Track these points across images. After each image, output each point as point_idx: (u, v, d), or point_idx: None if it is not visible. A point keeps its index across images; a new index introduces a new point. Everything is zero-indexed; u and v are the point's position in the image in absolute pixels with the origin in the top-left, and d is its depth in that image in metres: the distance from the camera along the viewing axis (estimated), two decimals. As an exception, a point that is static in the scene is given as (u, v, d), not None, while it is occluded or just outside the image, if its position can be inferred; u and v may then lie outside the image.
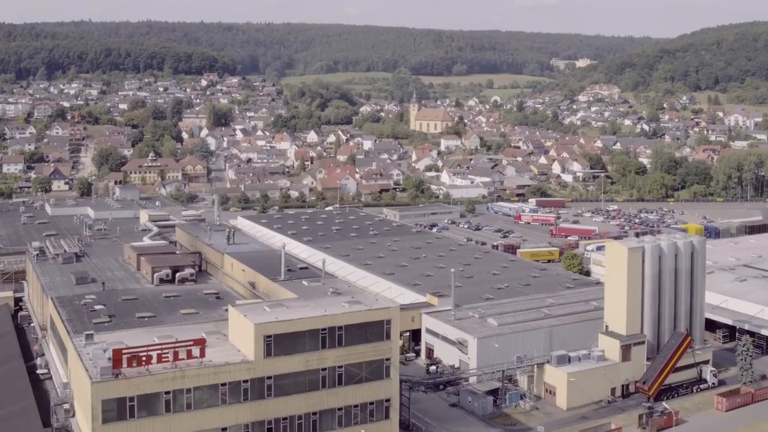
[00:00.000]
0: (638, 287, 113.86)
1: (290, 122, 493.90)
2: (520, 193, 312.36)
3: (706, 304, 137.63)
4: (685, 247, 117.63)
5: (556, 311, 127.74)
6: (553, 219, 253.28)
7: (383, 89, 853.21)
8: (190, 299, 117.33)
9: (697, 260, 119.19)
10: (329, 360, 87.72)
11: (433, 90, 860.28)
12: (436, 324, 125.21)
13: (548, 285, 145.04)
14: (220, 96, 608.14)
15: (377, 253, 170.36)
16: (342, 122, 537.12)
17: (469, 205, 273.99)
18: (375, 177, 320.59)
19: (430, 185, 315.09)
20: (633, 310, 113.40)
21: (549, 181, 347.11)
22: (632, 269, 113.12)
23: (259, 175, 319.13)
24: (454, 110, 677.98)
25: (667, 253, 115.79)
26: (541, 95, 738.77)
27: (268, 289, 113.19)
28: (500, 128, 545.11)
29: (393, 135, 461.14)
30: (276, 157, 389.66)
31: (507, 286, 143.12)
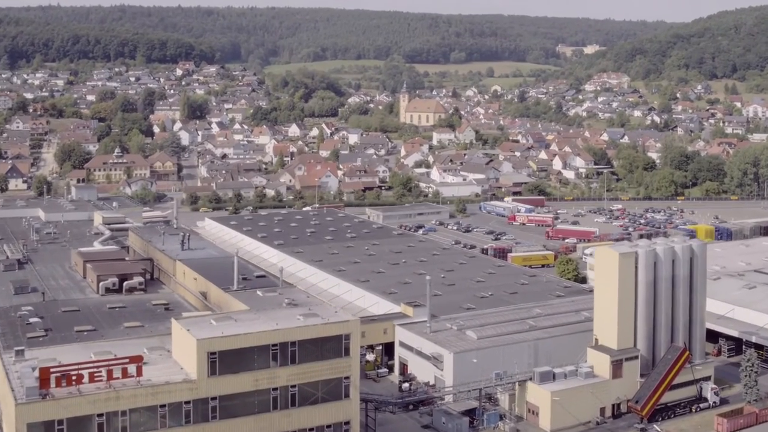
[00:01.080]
0: (631, 297, 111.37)
1: (270, 115, 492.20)
2: (516, 192, 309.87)
3: (711, 314, 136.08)
4: (684, 251, 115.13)
5: (543, 323, 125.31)
6: (551, 220, 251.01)
7: (374, 78, 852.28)
8: (136, 311, 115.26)
9: (696, 266, 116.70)
10: (281, 379, 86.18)
11: (429, 79, 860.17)
12: (410, 337, 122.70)
13: (537, 293, 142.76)
14: (196, 86, 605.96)
15: (353, 258, 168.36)
16: (327, 114, 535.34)
17: (459, 205, 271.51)
18: (359, 174, 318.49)
19: (418, 183, 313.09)
20: (625, 322, 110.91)
21: (549, 177, 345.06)
22: (624, 277, 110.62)
23: (232, 173, 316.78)
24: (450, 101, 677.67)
25: (663, 258, 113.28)
26: (545, 84, 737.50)
27: (219, 299, 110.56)
28: (499, 120, 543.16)
29: (381, 128, 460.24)
30: (253, 152, 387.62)
31: (491, 294, 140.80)
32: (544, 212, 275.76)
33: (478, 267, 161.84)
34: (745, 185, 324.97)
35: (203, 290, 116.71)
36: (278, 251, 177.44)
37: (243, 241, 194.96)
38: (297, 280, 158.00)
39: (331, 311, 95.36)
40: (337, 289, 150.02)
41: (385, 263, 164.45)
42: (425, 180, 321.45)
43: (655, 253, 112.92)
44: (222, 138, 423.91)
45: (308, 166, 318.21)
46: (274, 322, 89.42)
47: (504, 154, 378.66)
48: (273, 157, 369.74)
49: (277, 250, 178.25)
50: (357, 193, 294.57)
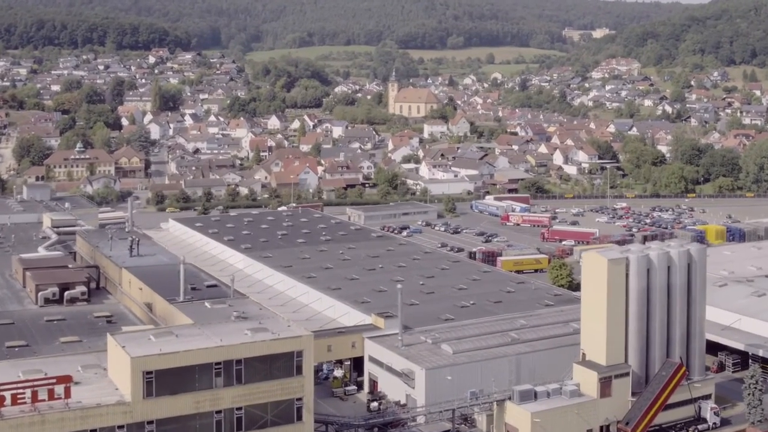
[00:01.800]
0: (621, 307, 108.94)
1: (249, 105, 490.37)
2: (512, 189, 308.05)
3: (714, 325, 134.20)
4: (681, 257, 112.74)
5: (527, 335, 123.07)
6: (547, 220, 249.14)
7: (365, 66, 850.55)
8: (76, 324, 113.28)
9: (695, 273, 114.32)
10: (225, 400, 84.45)
11: (424, 66, 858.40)
12: (380, 351, 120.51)
13: (524, 302, 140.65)
14: (170, 75, 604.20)
15: (325, 264, 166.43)
16: (311, 105, 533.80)
17: (448, 204, 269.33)
18: (340, 170, 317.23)
19: (405, 180, 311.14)
20: (615, 335, 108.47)
21: (548, 173, 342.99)
22: (613, 285, 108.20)
23: (203, 169, 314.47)
24: (447, 89, 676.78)
25: (657, 265, 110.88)
26: (549, 72, 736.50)
27: (164, 312, 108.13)
28: (498, 111, 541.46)
29: (368, 120, 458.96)
30: (228, 147, 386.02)
31: (473, 303, 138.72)
32: (542, 211, 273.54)
33: (461, 273, 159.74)
34: (762, 181, 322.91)
35: (148, 301, 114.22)
36: (245, 256, 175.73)
37: (208, 245, 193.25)
38: (263, 288, 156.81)
39: (283, 325, 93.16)
40: (305, 298, 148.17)
41: (359, 269, 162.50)
42: (413, 176, 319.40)
43: (648, 259, 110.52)
44: (195, 131, 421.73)
45: (285, 162, 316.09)
46: (218, 338, 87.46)
47: (501, 148, 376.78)
48: (249, 152, 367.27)
49: (243, 255, 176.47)
50: (338, 191, 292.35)
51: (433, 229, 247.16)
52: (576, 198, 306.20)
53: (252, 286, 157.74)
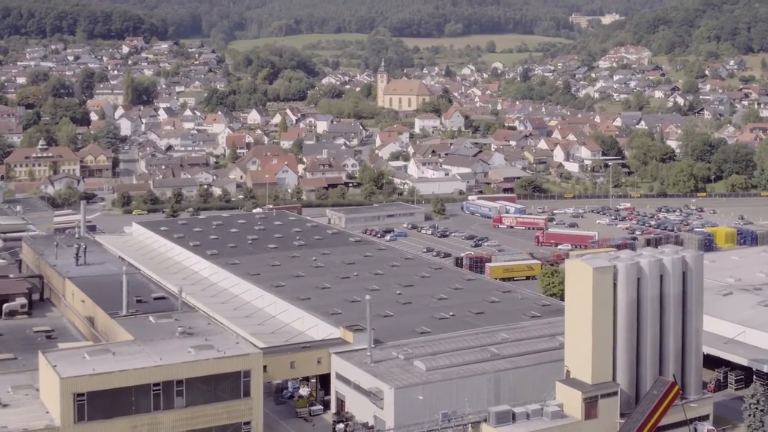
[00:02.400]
0: (609, 320, 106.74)
1: (228, 99, 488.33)
2: (507, 188, 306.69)
3: (717, 337, 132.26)
4: (675, 265, 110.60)
5: (508, 350, 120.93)
6: (543, 222, 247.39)
7: (356, 55, 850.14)
8: (13, 339, 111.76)
9: (691, 282, 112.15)
10: (165, 425, 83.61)
11: (419, 55, 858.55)
12: (347, 368, 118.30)
13: (509, 313, 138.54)
14: (145, 66, 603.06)
15: (296, 271, 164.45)
16: (294, 98, 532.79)
17: (437, 204, 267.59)
18: (322, 168, 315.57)
19: (393, 178, 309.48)
20: (601, 351, 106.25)
21: (548, 171, 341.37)
22: (600, 296, 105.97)
23: (174, 168, 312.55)
24: (443, 80, 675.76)
25: (648, 273, 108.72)
26: (554, 61, 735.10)
27: (106, 326, 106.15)
28: (498, 103, 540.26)
29: (355, 114, 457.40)
30: (204, 143, 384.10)
31: (453, 315, 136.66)
32: (538, 212, 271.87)
33: (443, 281, 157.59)
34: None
35: (91, 315, 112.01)
36: (210, 263, 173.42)
37: (172, 251, 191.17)
38: (228, 298, 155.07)
39: (231, 342, 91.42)
40: (272, 309, 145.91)
41: (333, 277, 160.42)
42: (401, 175, 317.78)
43: (638, 267, 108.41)
44: (169, 126, 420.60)
45: (263, 160, 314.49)
46: (158, 356, 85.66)
47: (497, 144, 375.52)
48: (226, 149, 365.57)
49: (209, 262, 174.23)
50: (318, 191, 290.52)
51: (419, 232, 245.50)
52: (576, 198, 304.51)
53: (216, 296, 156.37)
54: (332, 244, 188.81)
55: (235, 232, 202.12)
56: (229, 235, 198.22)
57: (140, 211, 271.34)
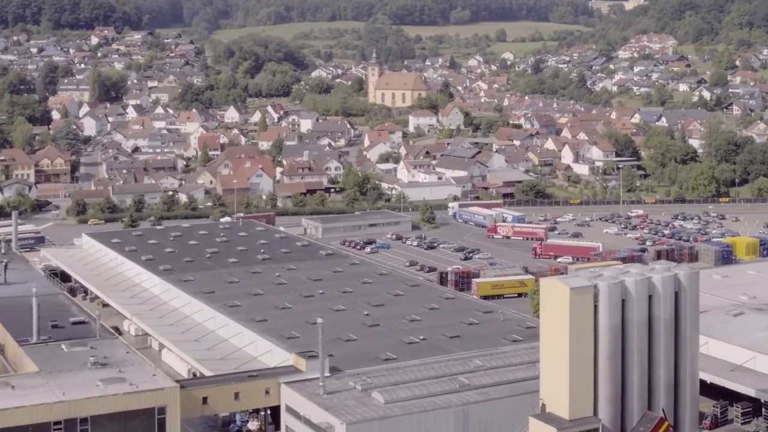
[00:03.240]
0: (588, 347, 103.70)
1: (204, 95, 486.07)
2: (507, 193, 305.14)
3: (724, 364, 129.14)
4: (665, 284, 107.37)
5: (480, 380, 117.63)
6: (543, 231, 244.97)
7: (351, 46, 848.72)
8: None
9: (684, 303, 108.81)
10: None
11: (421, 45, 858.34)
12: (297, 400, 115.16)
13: (487, 337, 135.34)
14: (116, 58, 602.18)
15: (255, 289, 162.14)
16: (278, 93, 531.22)
17: (426, 212, 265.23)
18: (301, 172, 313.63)
19: (379, 183, 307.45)
20: (580, 383, 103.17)
21: (554, 173, 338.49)
22: (578, 320, 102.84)
23: (137, 172, 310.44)
24: (447, 73, 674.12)
25: (635, 294, 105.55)
26: (569, 51, 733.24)
27: (14, 355, 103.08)
28: (505, 98, 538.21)
29: (344, 111, 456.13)
30: (175, 144, 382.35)
31: (424, 339, 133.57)
32: (541, 221, 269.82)
33: (418, 300, 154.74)
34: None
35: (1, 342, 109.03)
36: (161, 280, 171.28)
37: (122, 266, 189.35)
38: (177, 319, 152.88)
39: (147, 374, 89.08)
40: (224, 331, 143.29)
41: (295, 296, 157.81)
42: (389, 179, 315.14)
43: (622, 287, 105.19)
44: (137, 126, 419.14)
45: (235, 163, 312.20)
46: (61, 391, 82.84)
47: (499, 144, 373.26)
48: (198, 150, 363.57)
49: (160, 279, 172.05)
50: (295, 197, 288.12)
51: (404, 243, 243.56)
52: (584, 204, 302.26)
53: (164, 317, 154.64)
54: (300, 258, 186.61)
55: (193, 244, 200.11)
56: (187, 248, 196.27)
57: (96, 221, 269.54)
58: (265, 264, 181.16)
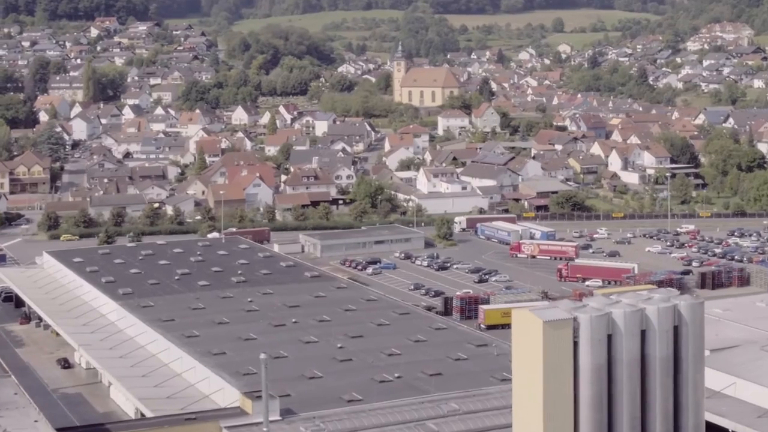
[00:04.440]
0: (566, 392, 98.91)
1: (210, 93, 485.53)
2: (541, 205, 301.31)
3: (754, 407, 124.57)
4: (662, 317, 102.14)
5: (452, 426, 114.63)
6: (573, 250, 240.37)
7: (388, 37, 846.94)
8: None
9: (685, 340, 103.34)
10: None
11: (467, 37, 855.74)
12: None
13: (473, 375, 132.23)
14: (117, 53, 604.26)
15: (221, 317, 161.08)
16: (294, 91, 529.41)
17: (442, 227, 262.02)
18: (306, 181, 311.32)
19: (395, 194, 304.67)
20: None
21: (599, 183, 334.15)
22: (554, 359, 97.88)
23: (120, 181, 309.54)
24: (493, 67, 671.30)
25: (624, 328, 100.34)
26: (633, 43, 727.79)
27: None
28: (554, 96, 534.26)
29: (365, 111, 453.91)
30: (171, 149, 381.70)
31: (399, 377, 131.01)
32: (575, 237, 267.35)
33: (404, 331, 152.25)
34: None
35: None
36: (118, 305, 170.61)
37: (80, 289, 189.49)
38: (130, 350, 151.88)
39: (28, 421, 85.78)
40: (178, 365, 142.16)
41: (264, 325, 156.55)
42: (406, 189, 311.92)
43: (608, 321, 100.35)
44: (132, 129, 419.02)
45: (231, 171, 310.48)
46: None
47: (539, 148, 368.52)
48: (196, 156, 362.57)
49: (117, 304, 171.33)
50: (296, 209, 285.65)
51: (413, 263, 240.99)
52: (628, 218, 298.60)
53: (115, 348, 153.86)
54: (280, 281, 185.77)
55: (163, 264, 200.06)
56: (156, 269, 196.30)
57: (69, 236, 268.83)
58: (239, 287, 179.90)
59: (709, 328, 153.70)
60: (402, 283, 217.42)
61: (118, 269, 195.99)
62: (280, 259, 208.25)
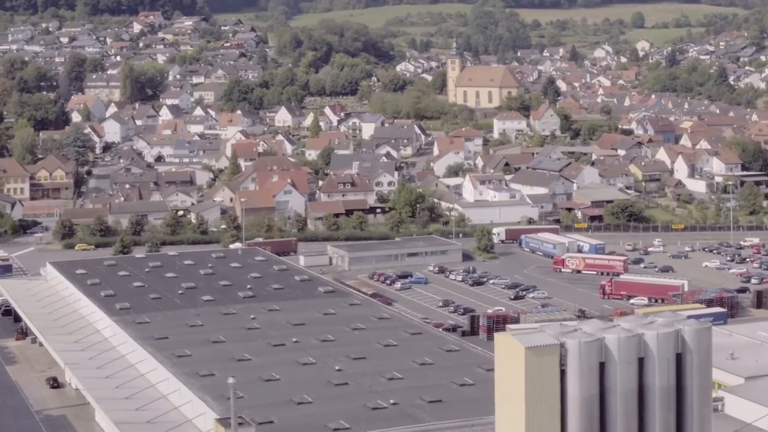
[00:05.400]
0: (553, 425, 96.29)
1: (254, 93, 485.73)
2: (595, 216, 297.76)
3: None
4: (663, 343, 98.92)
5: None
6: (621, 265, 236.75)
7: (455, 33, 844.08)
8: None
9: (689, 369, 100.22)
10: None
11: (539, 33, 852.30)
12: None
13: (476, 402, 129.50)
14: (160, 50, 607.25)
15: (217, 335, 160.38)
16: (344, 91, 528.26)
17: (482, 239, 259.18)
18: (342, 188, 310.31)
19: (438, 202, 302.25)
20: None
21: (662, 191, 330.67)
22: (537, 389, 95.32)
23: (143, 187, 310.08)
24: (566, 65, 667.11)
25: (618, 356, 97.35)
26: (715, 39, 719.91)
27: None
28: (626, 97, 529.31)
29: (416, 113, 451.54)
30: (205, 152, 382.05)
31: (394, 403, 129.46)
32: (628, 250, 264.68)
33: (411, 352, 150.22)
34: None
35: None
36: (112, 321, 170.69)
37: (78, 303, 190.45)
38: (118, 369, 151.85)
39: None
40: (164, 387, 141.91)
41: (262, 345, 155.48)
42: (449, 197, 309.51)
43: (601, 347, 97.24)
44: (168, 130, 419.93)
45: (261, 177, 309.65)
46: None
47: (600, 153, 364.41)
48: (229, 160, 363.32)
49: (111, 320, 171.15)
50: (328, 218, 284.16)
51: (446, 277, 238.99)
52: (688, 230, 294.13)
53: (103, 367, 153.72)
54: (290, 297, 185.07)
55: (170, 277, 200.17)
56: (160, 282, 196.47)
57: (84, 246, 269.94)
58: (244, 303, 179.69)
59: (748, 353, 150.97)
60: (431, 299, 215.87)
61: (121, 282, 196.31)
62: (295, 273, 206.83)
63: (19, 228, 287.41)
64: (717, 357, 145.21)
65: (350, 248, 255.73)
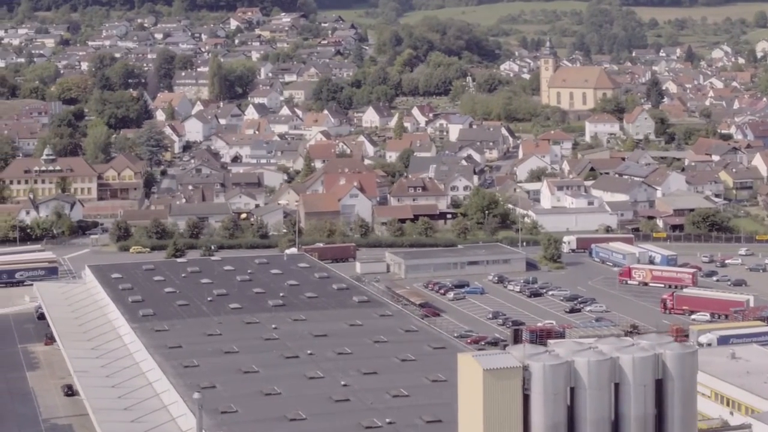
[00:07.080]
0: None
1: (343, 92, 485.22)
2: (677, 225, 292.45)
3: None
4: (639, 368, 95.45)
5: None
6: (690, 277, 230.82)
7: (569, 32, 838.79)
8: None
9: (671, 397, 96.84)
10: None
11: (656, 32, 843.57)
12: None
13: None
14: (256, 47, 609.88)
15: (232, 345, 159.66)
16: (438, 91, 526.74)
17: (549, 248, 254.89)
18: (414, 193, 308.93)
19: (514, 208, 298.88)
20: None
21: (754, 200, 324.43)
22: (496, 414, 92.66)
23: (207, 189, 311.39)
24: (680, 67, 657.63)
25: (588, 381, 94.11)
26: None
27: None
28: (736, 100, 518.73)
29: (507, 114, 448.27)
30: (283, 153, 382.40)
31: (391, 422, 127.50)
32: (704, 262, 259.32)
33: (426, 368, 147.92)
34: None
35: None
36: (131, 328, 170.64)
37: (106, 308, 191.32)
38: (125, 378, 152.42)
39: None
40: (166, 398, 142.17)
41: (275, 356, 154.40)
42: (525, 203, 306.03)
43: (569, 371, 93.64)
44: (251, 130, 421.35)
45: (328, 180, 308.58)
46: None
47: (694, 159, 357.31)
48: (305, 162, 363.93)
49: (130, 326, 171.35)
50: (392, 224, 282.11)
51: (504, 287, 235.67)
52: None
53: (112, 376, 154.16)
54: (321, 306, 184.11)
55: (204, 283, 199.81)
56: (193, 288, 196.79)
57: (139, 248, 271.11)
58: (272, 312, 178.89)
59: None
60: (482, 310, 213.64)
61: (153, 288, 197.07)
62: (334, 281, 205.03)
63: (77, 229, 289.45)
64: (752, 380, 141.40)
65: (408, 255, 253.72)
